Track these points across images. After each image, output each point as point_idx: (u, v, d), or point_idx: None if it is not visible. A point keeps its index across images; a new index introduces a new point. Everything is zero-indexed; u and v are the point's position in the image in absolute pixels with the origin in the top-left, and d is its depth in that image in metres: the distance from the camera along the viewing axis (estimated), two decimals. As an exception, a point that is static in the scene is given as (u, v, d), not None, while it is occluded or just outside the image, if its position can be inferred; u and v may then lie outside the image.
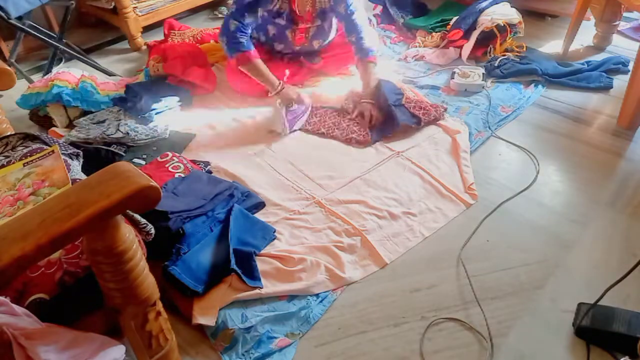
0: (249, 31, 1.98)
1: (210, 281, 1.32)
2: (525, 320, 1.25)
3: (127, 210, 0.88)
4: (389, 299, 1.32)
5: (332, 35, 2.22)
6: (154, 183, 0.75)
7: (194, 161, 1.75)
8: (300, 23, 2.05)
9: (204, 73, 2.21)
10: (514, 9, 2.39)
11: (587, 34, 2.52)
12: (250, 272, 1.35)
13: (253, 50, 1.97)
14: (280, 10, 2.00)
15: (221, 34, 1.98)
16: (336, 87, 2.21)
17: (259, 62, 1.98)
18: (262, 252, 1.43)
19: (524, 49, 2.41)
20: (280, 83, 1.98)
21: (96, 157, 1.76)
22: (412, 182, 1.69)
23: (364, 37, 2.03)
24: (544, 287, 1.33)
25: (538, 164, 1.75)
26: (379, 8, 2.82)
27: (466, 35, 2.38)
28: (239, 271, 1.33)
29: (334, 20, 2.15)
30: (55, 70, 2.35)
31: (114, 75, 2.41)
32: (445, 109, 2.01)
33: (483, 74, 2.21)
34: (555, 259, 1.40)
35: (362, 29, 2.03)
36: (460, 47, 2.40)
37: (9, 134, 1.27)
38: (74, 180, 1.08)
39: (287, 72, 2.16)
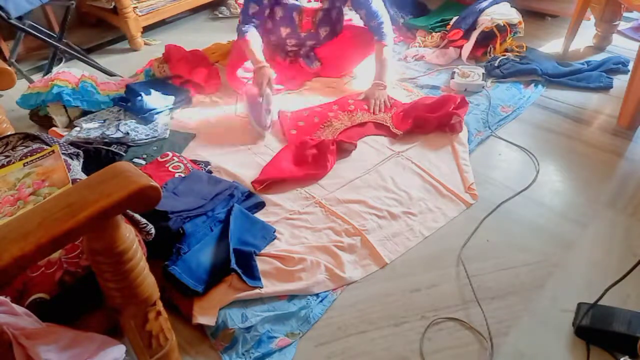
0: (255, 22, 2.06)
1: (210, 281, 1.32)
2: (525, 320, 1.25)
3: (127, 210, 0.88)
4: (389, 298, 1.32)
5: (339, 26, 2.24)
6: (154, 183, 0.75)
7: (194, 161, 1.75)
8: (305, 3, 2.09)
9: (208, 73, 2.22)
10: (514, 9, 2.39)
11: (587, 34, 2.52)
12: (250, 272, 1.35)
13: (249, 34, 2.03)
14: None
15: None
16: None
17: (252, 44, 2.01)
18: (262, 252, 1.43)
19: (524, 49, 2.41)
20: (262, 63, 1.96)
21: (96, 157, 1.75)
22: (412, 182, 1.69)
23: (384, 22, 2.12)
24: (544, 287, 1.33)
25: (538, 164, 1.75)
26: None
27: (466, 35, 2.38)
28: (239, 271, 1.33)
29: (344, 10, 2.22)
30: (55, 70, 2.35)
31: (114, 75, 2.41)
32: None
33: (483, 73, 2.21)
34: (555, 259, 1.40)
35: (381, 15, 2.11)
36: (460, 47, 2.40)
37: (9, 133, 1.27)
38: (74, 180, 1.08)
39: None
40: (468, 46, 2.35)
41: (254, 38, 2.03)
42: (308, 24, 2.13)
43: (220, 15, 3.12)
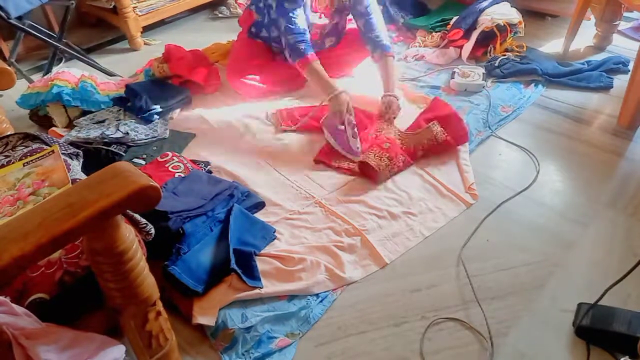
0: (307, 36, 1.95)
1: (210, 281, 1.32)
2: (525, 320, 1.25)
3: (127, 210, 0.88)
4: (389, 298, 1.32)
5: (343, 34, 2.24)
6: (154, 183, 0.75)
7: (194, 161, 1.74)
8: (316, 19, 2.07)
9: (208, 73, 2.22)
10: (514, 9, 2.39)
11: (587, 33, 2.52)
12: (250, 272, 1.35)
13: (311, 54, 1.92)
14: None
15: (286, 51, 1.96)
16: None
17: (316, 64, 1.90)
18: (262, 252, 1.43)
19: (524, 48, 2.41)
20: (338, 89, 1.83)
21: (96, 157, 1.75)
22: (412, 182, 1.69)
23: (380, 35, 2.05)
24: (544, 287, 1.33)
25: (538, 164, 1.75)
26: (379, 8, 2.81)
27: (466, 35, 2.38)
28: (239, 271, 1.33)
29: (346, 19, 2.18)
30: (55, 70, 2.35)
31: (114, 75, 2.41)
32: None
33: (483, 73, 2.20)
34: (555, 259, 1.40)
35: (379, 27, 2.07)
36: (461, 46, 2.40)
37: (9, 133, 1.26)
38: (74, 180, 1.08)
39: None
40: (468, 46, 2.35)
41: (316, 59, 1.91)
42: (315, 35, 2.13)
43: (220, 15, 3.11)
